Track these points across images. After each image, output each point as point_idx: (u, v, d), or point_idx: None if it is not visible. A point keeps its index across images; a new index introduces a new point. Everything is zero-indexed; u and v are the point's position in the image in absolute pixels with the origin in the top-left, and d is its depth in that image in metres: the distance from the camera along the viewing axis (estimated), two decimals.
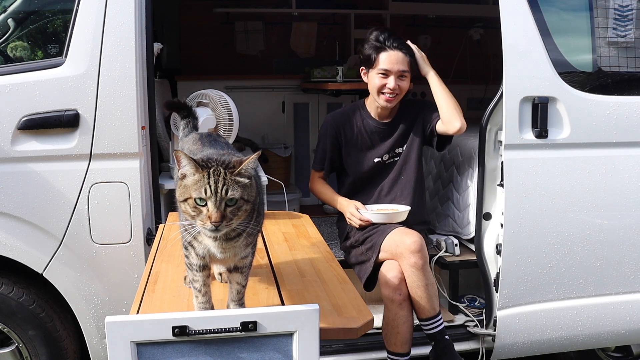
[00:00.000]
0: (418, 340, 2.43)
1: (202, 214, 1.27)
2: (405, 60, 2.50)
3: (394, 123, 2.61)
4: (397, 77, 2.48)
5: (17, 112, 2.14)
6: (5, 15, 2.41)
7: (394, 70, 2.47)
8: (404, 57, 2.49)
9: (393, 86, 2.48)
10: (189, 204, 1.29)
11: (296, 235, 2.26)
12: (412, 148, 2.60)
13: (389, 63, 2.48)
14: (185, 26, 4.80)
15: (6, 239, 2.19)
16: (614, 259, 2.46)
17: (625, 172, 2.41)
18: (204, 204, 1.27)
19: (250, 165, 1.31)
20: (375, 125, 2.61)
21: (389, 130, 2.60)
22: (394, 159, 2.61)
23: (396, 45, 2.48)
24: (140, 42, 2.22)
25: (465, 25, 4.93)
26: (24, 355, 2.32)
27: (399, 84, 2.49)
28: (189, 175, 1.29)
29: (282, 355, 1.32)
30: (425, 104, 2.65)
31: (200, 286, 1.44)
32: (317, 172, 2.70)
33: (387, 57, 2.48)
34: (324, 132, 2.65)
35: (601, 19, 2.44)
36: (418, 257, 2.26)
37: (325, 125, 2.66)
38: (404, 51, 2.49)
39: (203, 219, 1.27)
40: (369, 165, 2.60)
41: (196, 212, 1.28)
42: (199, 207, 1.27)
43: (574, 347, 2.60)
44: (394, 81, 2.48)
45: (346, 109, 2.70)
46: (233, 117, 2.56)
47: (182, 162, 1.29)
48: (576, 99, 2.35)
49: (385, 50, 2.48)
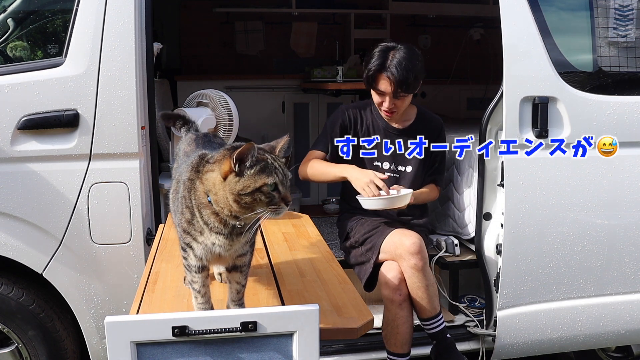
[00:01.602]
0: (418, 340, 2.43)
1: (275, 198, 1.30)
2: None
3: (404, 132, 2.55)
4: (393, 97, 2.42)
5: (16, 112, 2.14)
6: (5, 15, 2.41)
7: (388, 91, 2.42)
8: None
9: (388, 107, 2.45)
10: (263, 190, 1.29)
11: (296, 235, 2.25)
12: (416, 172, 2.54)
13: (385, 86, 2.41)
14: (185, 26, 4.80)
15: (6, 239, 2.19)
16: (614, 259, 2.46)
17: (626, 172, 2.41)
18: (273, 188, 1.29)
19: (284, 147, 1.37)
20: (385, 127, 2.56)
21: (396, 137, 2.54)
22: (395, 175, 2.55)
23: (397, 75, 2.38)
24: (140, 42, 2.22)
25: (465, 25, 4.93)
26: (23, 356, 2.32)
27: (395, 102, 2.44)
28: (255, 166, 1.29)
29: (282, 355, 1.32)
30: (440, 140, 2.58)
31: (199, 287, 1.44)
32: (316, 153, 2.57)
33: (386, 80, 2.41)
34: (334, 118, 2.58)
35: (601, 19, 2.44)
36: (418, 259, 2.26)
37: (337, 113, 2.59)
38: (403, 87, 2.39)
39: (277, 202, 1.30)
40: (370, 168, 2.56)
41: (269, 197, 1.29)
42: (271, 192, 1.29)
43: (574, 348, 2.60)
44: (389, 102, 2.44)
45: (360, 103, 2.66)
46: (233, 117, 2.56)
47: (246, 155, 1.27)
48: (576, 98, 2.35)
49: (385, 72, 2.40)
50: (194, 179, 1.37)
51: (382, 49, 2.44)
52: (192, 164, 1.40)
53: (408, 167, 2.55)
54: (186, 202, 1.38)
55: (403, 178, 2.55)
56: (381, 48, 2.45)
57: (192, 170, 1.38)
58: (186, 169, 1.42)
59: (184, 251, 1.43)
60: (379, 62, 2.41)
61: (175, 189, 1.49)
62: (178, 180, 1.48)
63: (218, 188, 1.30)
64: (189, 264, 1.43)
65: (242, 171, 1.28)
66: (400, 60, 2.39)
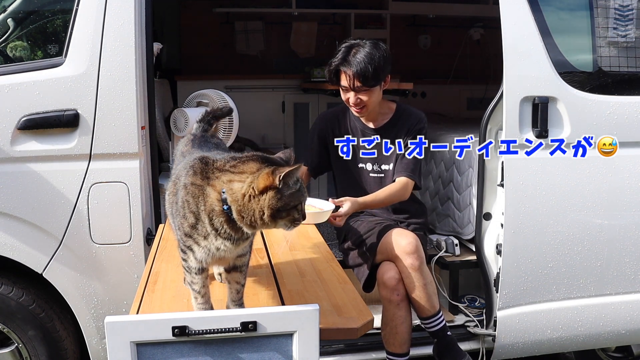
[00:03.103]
0: (418, 340, 2.43)
1: (299, 213, 1.34)
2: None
3: (382, 130, 2.53)
4: (352, 90, 2.40)
5: (16, 112, 2.14)
6: (5, 15, 2.41)
7: (348, 85, 2.40)
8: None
9: (353, 102, 2.43)
10: (297, 209, 1.33)
11: (296, 235, 2.25)
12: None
13: (345, 80, 2.40)
14: (185, 26, 4.80)
15: (6, 239, 2.19)
16: (614, 259, 2.46)
17: (626, 172, 2.41)
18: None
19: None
20: (362, 128, 2.55)
21: (374, 135, 2.52)
22: (379, 175, 2.54)
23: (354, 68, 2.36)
24: (140, 42, 2.22)
25: (465, 25, 4.93)
26: (23, 356, 2.32)
27: (359, 97, 2.41)
28: (292, 184, 1.31)
29: (282, 355, 1.32)
30: (415, 137, 2.49)
31: (199, 288, 1.44)
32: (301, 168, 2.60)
33: (344, 74, 2.39)
34: (312, 129, 2.64)
35: (601, 19, 2.44)
36: (414, 258, 2.26)
37: (315, 123, 2.65)
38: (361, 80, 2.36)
39: (299, 218, 1.34)
40: (355, 171, 2.55)
41: (299, 214, 1.34)
42: (301, 210, 1.34)
43: (574, 348, 2.60)
44: (354, 96, 2.41)
45: (337, 109, 2.65)
46: (233, 117, 2.56)
47: (287, 175, 1.29)
48: (576, 98, 2.35)
49: (342, 67, 2.39)
50: (202, 185, 1.34)
51: (346, 45, 2.43)
52: (194, 167, 1.37)
53: (390, 164, 2.53)
54: (190, 207, 1.35)
55: (388, 177, 2.53)
56: (345, 45, 2.43)
57: (197, 175, 1.35)
58: (187, 172, 1.39)
59: (183, 253, 1.43)
60: (340, 57, 2.40)
61: (173, 191, 1.46)
62: (176, 182, 1.45)
63: (247, 200, 1.29)
64: (189, 266, 1.43)
65: (285, 189, 1.29)
66: (361, 54, 2.37)
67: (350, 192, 2.50)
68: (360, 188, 2.54)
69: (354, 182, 2.56)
